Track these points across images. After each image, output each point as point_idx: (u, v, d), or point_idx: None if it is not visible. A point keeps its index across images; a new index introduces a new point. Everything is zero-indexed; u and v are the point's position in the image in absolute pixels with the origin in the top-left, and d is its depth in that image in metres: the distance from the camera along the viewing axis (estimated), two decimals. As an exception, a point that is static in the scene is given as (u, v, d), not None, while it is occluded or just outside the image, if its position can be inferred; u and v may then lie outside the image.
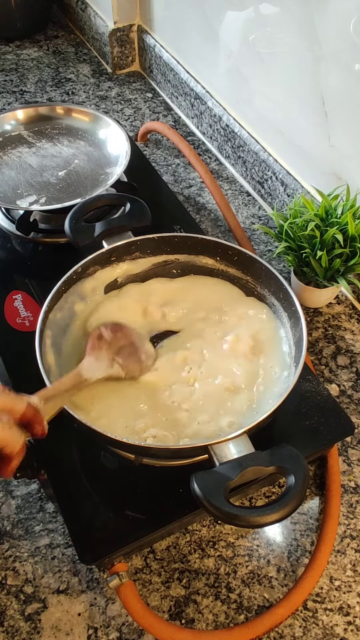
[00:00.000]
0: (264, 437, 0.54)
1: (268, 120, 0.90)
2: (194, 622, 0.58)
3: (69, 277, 0.66)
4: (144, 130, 1.06)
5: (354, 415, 0.72)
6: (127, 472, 0.61)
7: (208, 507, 0.48)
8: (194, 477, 0.49)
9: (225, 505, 0.48)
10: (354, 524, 0.64)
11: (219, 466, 0.51)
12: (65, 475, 0.60)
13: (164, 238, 0.71)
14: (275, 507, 0.48)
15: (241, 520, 0.47)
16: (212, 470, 0.50)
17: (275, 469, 0.51)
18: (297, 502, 0.48)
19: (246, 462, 0.50)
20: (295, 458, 0.51)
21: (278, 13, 0.79)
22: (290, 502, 0.48)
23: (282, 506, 0.48)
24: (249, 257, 0.69)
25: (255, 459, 0.51)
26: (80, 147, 0.88)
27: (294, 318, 0.64)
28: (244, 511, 0.48)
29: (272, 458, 0.51)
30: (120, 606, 0.59)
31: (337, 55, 0.71)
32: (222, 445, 0.52)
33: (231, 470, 0.50)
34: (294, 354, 0.62)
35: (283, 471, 0.50)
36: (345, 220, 0.71)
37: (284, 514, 0.48)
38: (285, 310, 0.66)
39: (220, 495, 0.48)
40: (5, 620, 0.58)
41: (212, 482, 0.49)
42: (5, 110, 0.92)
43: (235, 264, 0.70)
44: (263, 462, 0.51)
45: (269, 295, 0.68)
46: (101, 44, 1.23)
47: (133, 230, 0.71)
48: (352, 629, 0.58)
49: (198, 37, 1.00)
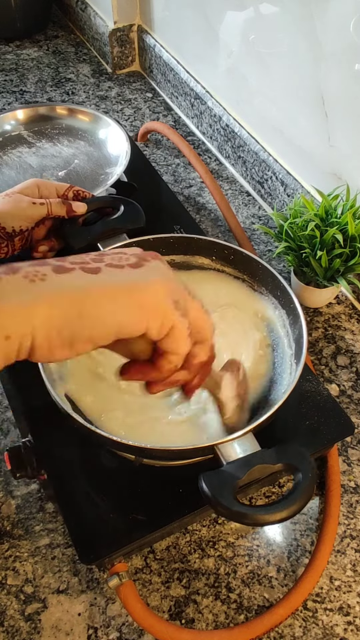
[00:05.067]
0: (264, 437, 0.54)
1: (268, 120, 0.90)
2: (194, 622, 0.58)
3: None
4: (144, 130, 1.06)
5: (354, 415, 0.72)
6: (127, 472, 0.60)
7: (217, 507, 0.48)
8: (203, 478, 0.49)
9: (235, 505, 0.48)
10: (354, 524, 0.64)
11: (226, 465, 0.51)
12: (65, 475, 0.60)
13: (160, 239, 0.71)
14: (285, 504, 0.48)
15: (250, 518, 0.47)
16: (219, 470, 0.50)
17: (283, 466, 0.51)
18: (305, 498, 0.48)
19: (253, 460, 0.51)
20: (301, 455, 0.51)
21: (278, 13, 0.79)
22: (298, 499, 0.48)
23: (291, 503, 0.48)
24: (245, 255, 0.69)
25: (262, 457, 0.51)
26: (80, 147, 0.88)
27: (293, 315, 0.64)
28: (253, 510, 0.48)
29: (279, 455, 0.51)
30: (120, 606, 0.59)
31: (337, 55, 0.71)
32: (227, 445, 0.52)
33: (238, 469, 0.50)
34: (294, 351, 0.62)
35: (290, 468, 0.50)
36: (345, 220, 0.71)
37: (293, 511, 0.48)
38: (283, 307, 0.66)
39: (229, 494, 0.48)
40: (5, 620, 0.58)
41: (220, 482, 0.49)
42: (5, 110, 0.92)
43: (232, 263, 0.71)
44: (270, 459, 0.51)
45: (266, 294, 0.68)
46: (101, 44, 1.23)
47: (128, 232, 0.71)
48: (352, 629, 0.58)
49: (198, 37, 1.00)
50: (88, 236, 0.70)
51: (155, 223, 0.83)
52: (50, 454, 0.61)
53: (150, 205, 0.73)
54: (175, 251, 0.72)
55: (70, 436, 0.62)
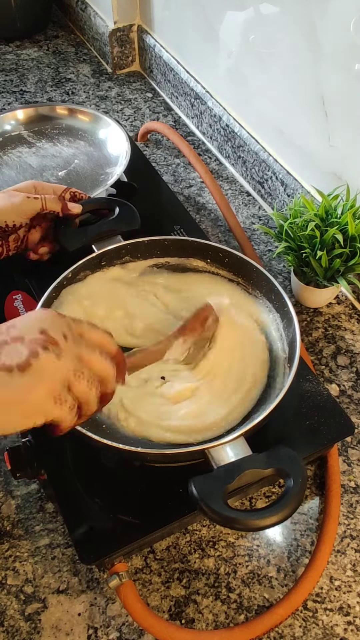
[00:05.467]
0: (264, 437, 0.54)
1: (268, 120, 0.90)
2: (194, 622, 0.58)
3: (59, 282, 0.66)
4: (144, 130, 1.06)
5: (354, 415, 0.72)
6: (127, 472, 0.61)
7: (207, 511, 0.48)
8: (192, 482, 0.49)
9: (224, 509, 0.48)
10: (354, 524, 0.64)
11: (217, 469, 0.51)
12: (65, 475, 0.60)
13: (154, 241, 0.71)
14: (274, 509, 0.48)
15: (240, 523, 0.47)
16: (210, 474, 0.50)
17: (273, 471, 0.51)
18: (295, 504, 0.48)
19: (243, 465, 0.50)
20: (292, 459, 0.51)
21: (278, 13, 0.79)
22: (288, 505, 0.48)
23: (280, 508, 0.48)
24: (240, 258, 0.69)
25: (253, 462, 0.51)
26: (80, 147, 0.88)
27: (287, 319, 0.64)
28: (242, 514, 0.48)
29: (269, 460, 0.51)
30: (120, 606, 0.59)
31: (337, 55, 0.71)
32: (218, 449, 0.52)
33: (229, 473, 0.50)
34: (288, 355, 0.62)
35: (281, 473, 0.50)
36: (345, 220, 0.71)
37: (283, 517, 0.48)
38: (277, 311, 0.66)
39: (219, 498, 0.48)
40: (5, 620, 0.58)
41: (210, 486, 0.49)
42: (5, 110, 0.92)
43: (226, 265, 0.71)
44: (260, 464, 0.51)
45: (261, 297, 0.68)
46: (101, 44, 1.23)
47: (122, 234, 0.71)
48: (352, 629, 0.58)
49: (198, 37, 1.00)
50: (83, 238, 0.70)
51: (155, 223, 0.83)
52: (50, 454, 0.61)
53: (150, 206, 0.73)
54: (169, 253, 0.72)
55: (70, 436, 0.62)
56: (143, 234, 0.72)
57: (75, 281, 0.68)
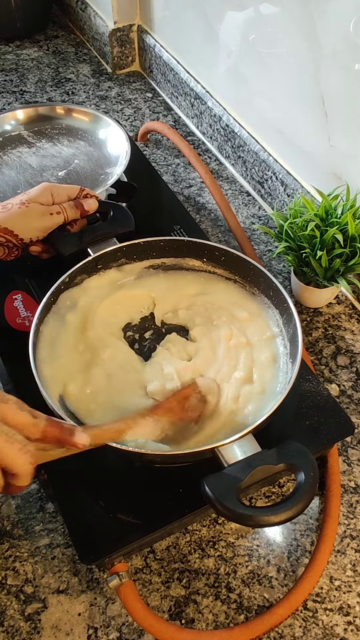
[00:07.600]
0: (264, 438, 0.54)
1: (268, 120, 0.90)
2: (194, 622, 0.58)
3: (57, 288, 0.66)
4: (144, 130, 1.06)
5: (354, 415, 0.72)
6: (127, 472, 0.61)
7: (221, 510, 0.48)
8: (205, 481, 0.49)
9: (238, 507, 0.48)
10: (354, 524, 0.64)
11: (228, 467, 0.51)
12: (65, 475, 0.60)
13: (150, 242, 0.71)
14: (288, 504, 0.48)
15: (254, 520, 0.47)
16: (221, 473, 0.50)
17: (284, 466, 0.51)
18: (308, 498, 0.48)
19: (255, 462, 0.50)
20: (303, 454, 0.51)
21: (278, 13, 0.79)
22: (302, 499, 0.48)
23: (294, 503, 0.48)
24: (236, 256, 0.69)
25: (263, 458, 0.51)
26: (80, 147, 0.88)
27: (287, 315, 0.64)
28: (256, 511, 0.48)
29: (280, 456, 0.51)
30: (120, 606, 0.59)
31: (337, 55, 0.71)
32: (228, 447, 0.52)
33: (240, 470, 0.50)
34: (290, 351, 0.62)
35: (292, 468, 0.50)
36: (345, 220, 0.71)
37: (297, 512, 0.48)
38: (276, 307, 0.66)
39: (232, 496, 0.48)
40: (5, 620, 0.58)
41: (223, 485, 0.49)
42: (5, 110, 0.92)
43: (223, 264, 0.71)
44: (271, 460, 0.51)
45: (259, 294, 0.68)
46: (101, 44, 1.23)
47: (118, 237, 0.71)
48: (352, 629, 0.58)
49: (198, 37, 1.00)
50: (78, 242, 0.70)
51: (155, 223, 0.83)
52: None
53: (150, 206, 0.73)
54: (166, 254, 0.72)
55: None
56: (143, 235, 0.72)
57: (72, 285, 0.68)
